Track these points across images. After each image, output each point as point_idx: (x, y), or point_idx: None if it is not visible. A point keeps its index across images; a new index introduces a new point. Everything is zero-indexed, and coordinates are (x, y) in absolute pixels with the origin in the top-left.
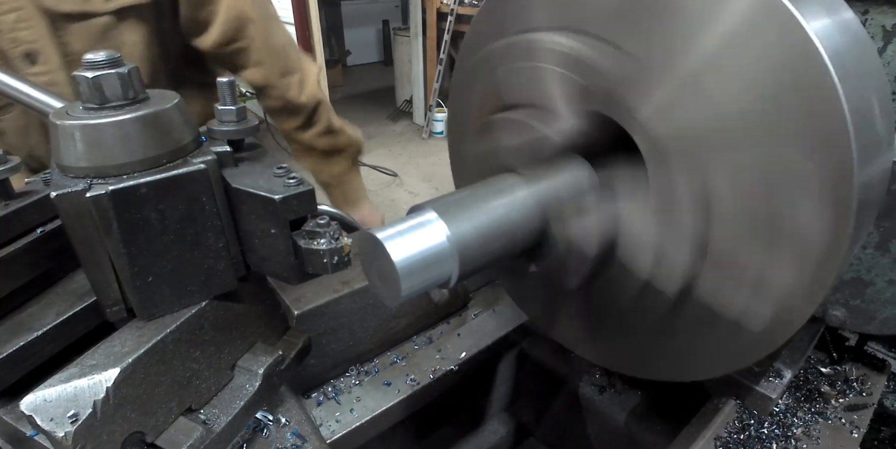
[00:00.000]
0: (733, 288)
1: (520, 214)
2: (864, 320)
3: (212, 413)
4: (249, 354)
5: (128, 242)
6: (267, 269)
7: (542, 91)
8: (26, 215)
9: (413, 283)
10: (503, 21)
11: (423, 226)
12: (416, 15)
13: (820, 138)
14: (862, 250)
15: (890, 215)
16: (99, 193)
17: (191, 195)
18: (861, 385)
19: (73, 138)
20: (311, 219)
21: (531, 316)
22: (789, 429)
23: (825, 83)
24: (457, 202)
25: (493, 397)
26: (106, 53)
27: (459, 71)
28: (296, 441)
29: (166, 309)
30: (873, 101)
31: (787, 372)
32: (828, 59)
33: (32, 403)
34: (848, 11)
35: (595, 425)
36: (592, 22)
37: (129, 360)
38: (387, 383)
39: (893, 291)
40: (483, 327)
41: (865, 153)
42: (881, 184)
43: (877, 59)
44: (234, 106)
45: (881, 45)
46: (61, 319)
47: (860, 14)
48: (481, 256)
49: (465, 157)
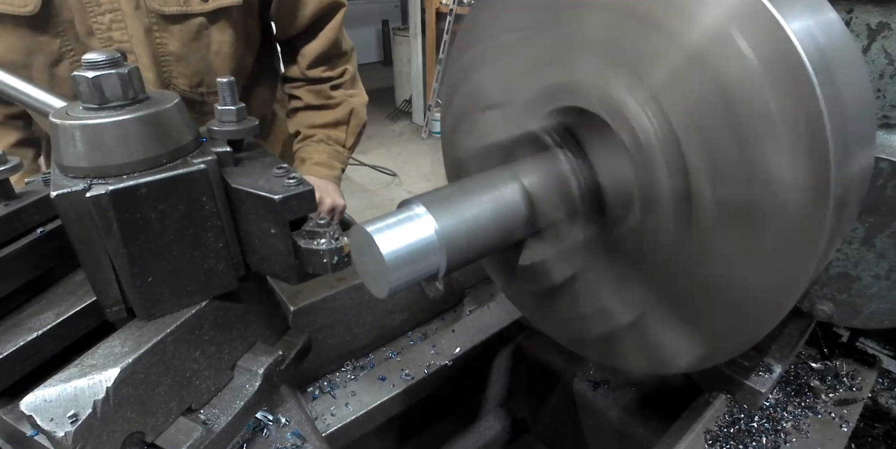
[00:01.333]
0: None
1: (506, 208)
2: (851, 315)
3: (212, 413)
4: (249, 354)
5: (128, 242)
6: (267, 269)
7: (521, 89)
8: (26, 215)
9: (401, 275)
10: (479, 26)
11: (412, 219)
12: (416, 15)
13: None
14: (848, 246)
15: (875, 211)
16: (99, 193)
17: (191, 195)
18: (851, 380)
19: (73, 138)
20: (311, 219)
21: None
22: (779, 423)
23: (804, 83)
24: (445, 197)
25: (488, 393)
26: (106, 53)
27: (448, 74)
28: (296, 441)
29: (166, 309)
30: (854, 100)
31: (776, 367)
32: (806, 60)
33: (32, 403)
34: (831, 11)
35: (589, 421)
36: (565, 22)
37: (129, 360)
38: (382, 378)
39: (879, 285)
40: (477, 323)
41: (844, 150)
42: (862, 180)
43: (859, 58)
44: (234, 106)
45: (866, 44)
46: (61, 319)
47: (845, 12)
48: (469, 250)
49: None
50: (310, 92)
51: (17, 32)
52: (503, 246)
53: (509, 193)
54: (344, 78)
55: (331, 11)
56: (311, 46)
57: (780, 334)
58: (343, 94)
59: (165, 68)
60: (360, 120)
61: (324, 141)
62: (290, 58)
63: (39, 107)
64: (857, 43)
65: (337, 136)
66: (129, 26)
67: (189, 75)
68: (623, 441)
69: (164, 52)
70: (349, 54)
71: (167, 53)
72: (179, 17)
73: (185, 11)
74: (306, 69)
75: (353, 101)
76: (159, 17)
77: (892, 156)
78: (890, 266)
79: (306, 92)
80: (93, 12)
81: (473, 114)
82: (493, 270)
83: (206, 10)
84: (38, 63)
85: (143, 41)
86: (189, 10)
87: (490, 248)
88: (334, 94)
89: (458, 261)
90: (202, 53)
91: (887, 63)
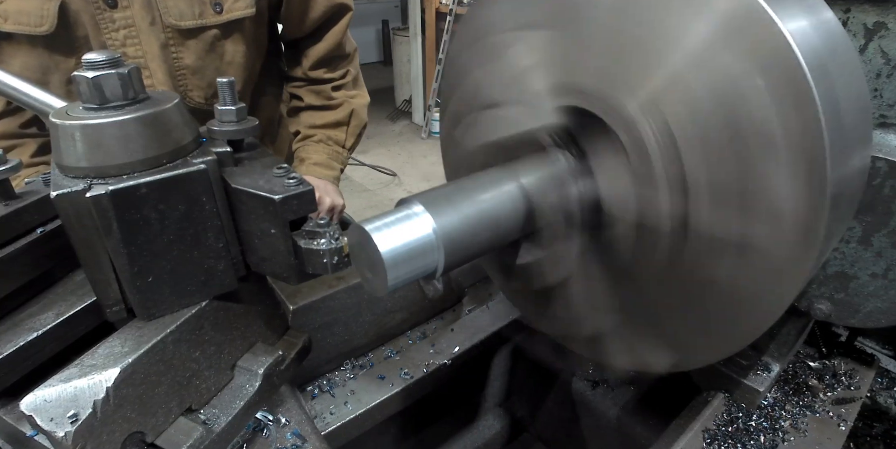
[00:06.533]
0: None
1: (504, 207)
2: (849, 313)
3: (212, 413)
4: (249, 354)
5: (128, 242)
6: (267, 269)
7: (520, 88)
8: (26, 215)
9: (399, 273)
10: (479, 24)
11: (410, 218)
12: (416, 15)
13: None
14: (845, 245)
15: (872, 210)
16: (99, 193)
17: (191, 195)
18: (849, 379)
19: (73, 138)
20: (311, 219)
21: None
22: (777, 422)
23: (800, 82)
24: (443, 196)
25: (487, 392)
26: (106, 53)
27: (447, 73)
28: (296, 441)
29: (166, 309)
30: (849, 100)
31: (774, 366)
32: (803, 60)
33: (32, 403)
34: (827, 11)
35: (588, 420)
36: (566, 20)
37: (129, 360)
38: (381, 377)
39: (876, 284)
40: (476, 323)
41: (840, 151)
42: (858, 180)
43: (855, 58)
44: (234, 106)
45: (863, 43)
46: (61, 319)
47: (842, 12)
48: (467, 248)
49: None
50: (311, 92)
51: (32, 52)
52: (501, 245)
53: (507, 193)
54: (346, 79)
55: (337, 14)
56: (316, 48)
57: (779, 333)
58: (344, 95)
59: (181, 82)
60: (360, 121)
61: (323, 141)
62: (294, 58)
63: (39, 107)
64: (853, 42)
65: (337, 136)
66: (144, 42)
67: (204, 88)
68: (622, 440)
69: (180, 65)
70: (352, 56)
71: (183, 67)
72: (195, 31)
73: (201, 24)
74: (308, 70)
75: (354, 102)
76: (175, 32)
77: (889, 155)
78: (887, 265)
79: (308, 92)
80: (107, 28)
81: (473, 113)
82: (491, 269)
83: (221, 22)
84: (54, 81)
85: (159, 56)
86: (204, 23)
87: (487, 247)
88: (335, 95)
89: (456, 259)
90: (216, 65)
91: (884, 62)
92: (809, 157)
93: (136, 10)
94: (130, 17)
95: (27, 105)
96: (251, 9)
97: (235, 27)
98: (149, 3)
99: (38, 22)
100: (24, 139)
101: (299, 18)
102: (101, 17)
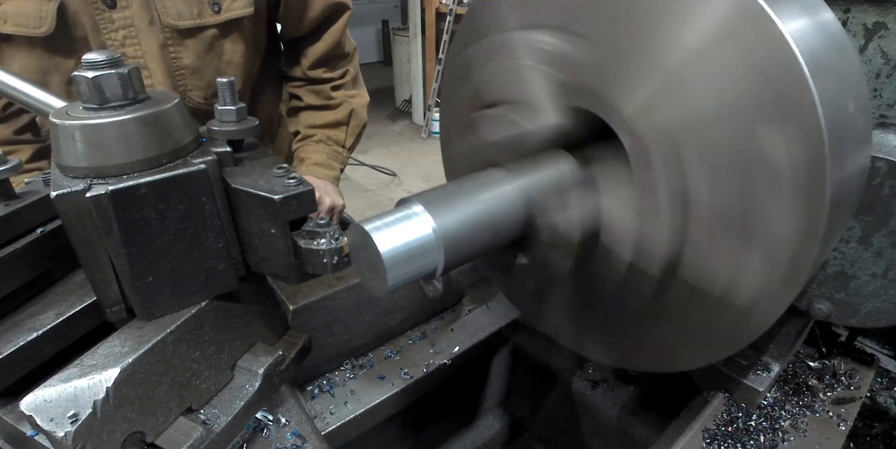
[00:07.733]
0: (713, 272)
1: (504, 207)
2: (849, 313)
3: (212, 413)
4: (249, 354)
5: (128, 242)
6: (267, 269)
7: (522, 88)
8: (26, 215)
9: (399, 273)
10: (481, 22)
11: (410, 218)
12: (416, 15)
13: (794, 137)
14: (845, 245)
15: (872, 210)
16: (99, 193)
17: (191, 195)
18: (849, 379)
19: (73, 138)
20: (311, 219)
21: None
22: (777, 421)
23: (799, 83)
24: (443, 196)
25: (487, 393)
26: (106, 53)
27: (447, 72)
28: (296, 441)
29: (166, 309)
30: (849, 100)
31: (774, 366)
32: (802, 60)
33: (32, 403)
34: (827, 12)
35: (588, 420)
36: (569, 20)
37: (129, 360)
38: (381, 377)
39: (876, 284)
40: (476, 322)
41: (839, 151)
42: (858, 180)
43: (855, 57)
44: (234, 106)
45: (862, 43)
46: (61, 319)
47: (842, 12)
48: (466, 248)
49: (453, 154)
50: (310, 92)
51: (32, 53)
52: (500, 245)
53: (507, 193)
54: (345, 79)
55: (335, 13)
56: (315, 48)
57: (779, 333)
58: (344, 95)
59: (180, 82)
60: (360, 121)
61: (323, 141)
62: (293, 58)
63: (40, 107)
64: (853, 42)
65: (336, 136)
66: (143, 42)
67: (203, 87)
68: (622, 440)
69: (179, 65)
70: (351, 55)
71: (182, 67)
72: (194, 31)
73: (200, 24)
74: (308, 69)
75: (354, 102)
76: (174, 32)
77: (889, 155)
78: (887, 265)
79: (307, 92)
80: (106, 29)
81: (473, 112)
82: (490, 269)
83: (219, 22)
84: (54, 83)
85: (158, 56)
86: (203, 23)
87: (487, 246)
88: (335, 95)
89: (456, 259)
90: (215, 65)
91: (884, 62)
92: (809, 157)
93: (134, 11)
94: (129, 18)
95: (27, 105)
96: (249, 8)
97: (234, 27)
98: (147, 3)
99: (38, 23)
100: (18, 145)
101: (298, 18)
102: (100, 17)
